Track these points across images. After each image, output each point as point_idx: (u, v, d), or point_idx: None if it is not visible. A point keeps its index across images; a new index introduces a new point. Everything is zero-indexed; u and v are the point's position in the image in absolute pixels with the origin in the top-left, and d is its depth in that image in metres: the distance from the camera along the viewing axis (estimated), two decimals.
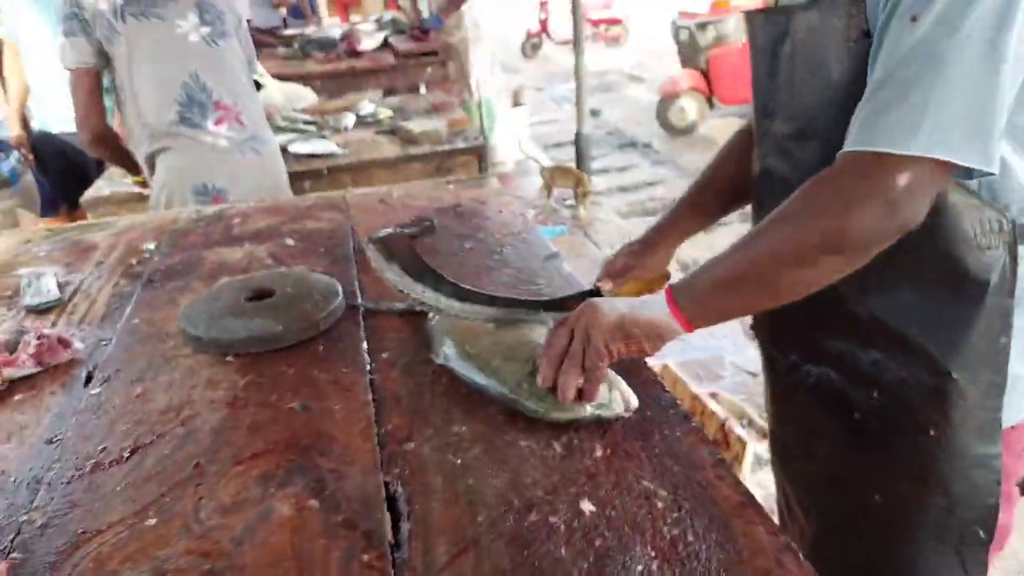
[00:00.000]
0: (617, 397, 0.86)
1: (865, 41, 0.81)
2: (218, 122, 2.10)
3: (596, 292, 1.14)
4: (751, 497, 0.74)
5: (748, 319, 1.15)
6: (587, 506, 0.74)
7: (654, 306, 0.85)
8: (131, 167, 2.24)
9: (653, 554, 0.69)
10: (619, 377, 0.89)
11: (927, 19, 0.73)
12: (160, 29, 2.02)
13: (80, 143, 2.11)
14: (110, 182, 2.59)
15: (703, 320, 0.85)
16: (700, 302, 0.84)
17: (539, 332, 1.00)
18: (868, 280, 0.89)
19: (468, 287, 1.12)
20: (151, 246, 1.57)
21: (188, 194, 2.08)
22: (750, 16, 1.02)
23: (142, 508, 0.80)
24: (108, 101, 2.11)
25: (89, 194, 2.56)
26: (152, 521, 0.78)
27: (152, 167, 2.13)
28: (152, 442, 0.91)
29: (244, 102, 2.16)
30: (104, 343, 1.18)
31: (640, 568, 0.67)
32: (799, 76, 0.92)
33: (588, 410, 0.85)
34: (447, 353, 1.00)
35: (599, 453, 0.82)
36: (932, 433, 0.91)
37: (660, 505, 0.74)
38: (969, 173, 0.77)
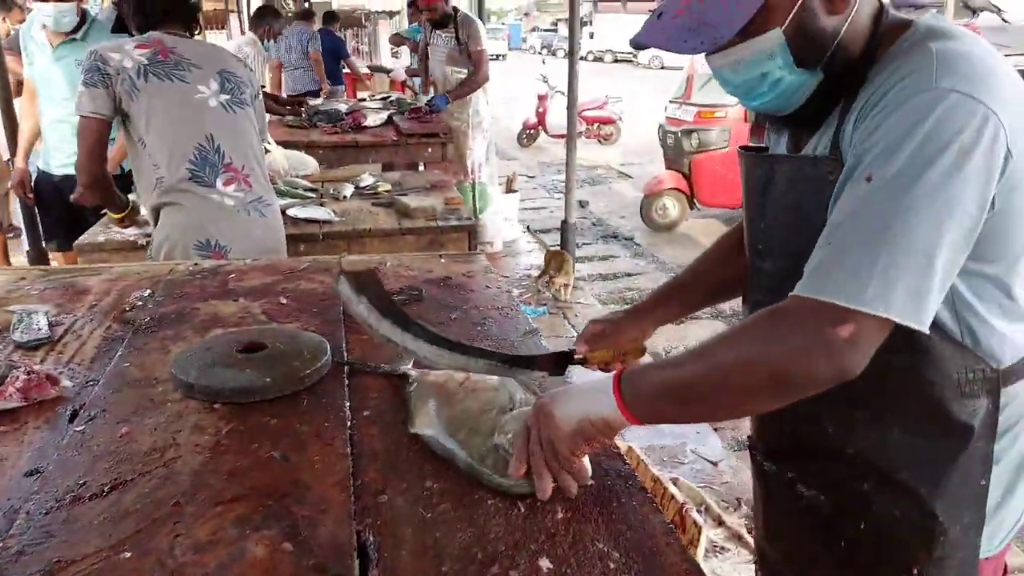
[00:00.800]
0: None
1: None
2: (227, 183, 2.19)
3: (570, 354, 1.17)
4: (696, 565, 0.79)
5: (745, 431, 1.19)
6: (545, 563, 0.79)
7: (603, 400, 0.85)
8: (114, 206, 2.31)
9: None
10: None
11: (882, 180, 0.79)
12: (182, 92, 2.14)
13: (78, 184, 2.18)
14: (106, 229, 2.65)
15: (644, 416, 0.85)
16: (642, 398, 0.85)
17: (504, 398, 1.05)
18: (856, 422, 0.95)
19: (436, 332, 1.14)
20: (145, 294, 1.62)
21: (190, 249, 2.15)
22: (740, 153, 1.08)
23: (118, 542, 0.83)
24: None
25: (83, 239, 2.61)
26: (127, 555, 0.81)
27: (157, 217, 2.20)
28: (133, 480, 0.94)
29: (253, 166, 2.26)
30: (92, 383, 1.22)
31: None
32: (786, 222, 0.97)
33: None
34: (419, 422, 1.05)
35: (560, 515, 0.87)
36: (915, 572, 0.94)
37: (612, 566, 0.79)
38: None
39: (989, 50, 0.85)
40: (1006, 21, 4.28)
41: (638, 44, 0.91)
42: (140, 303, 1.58)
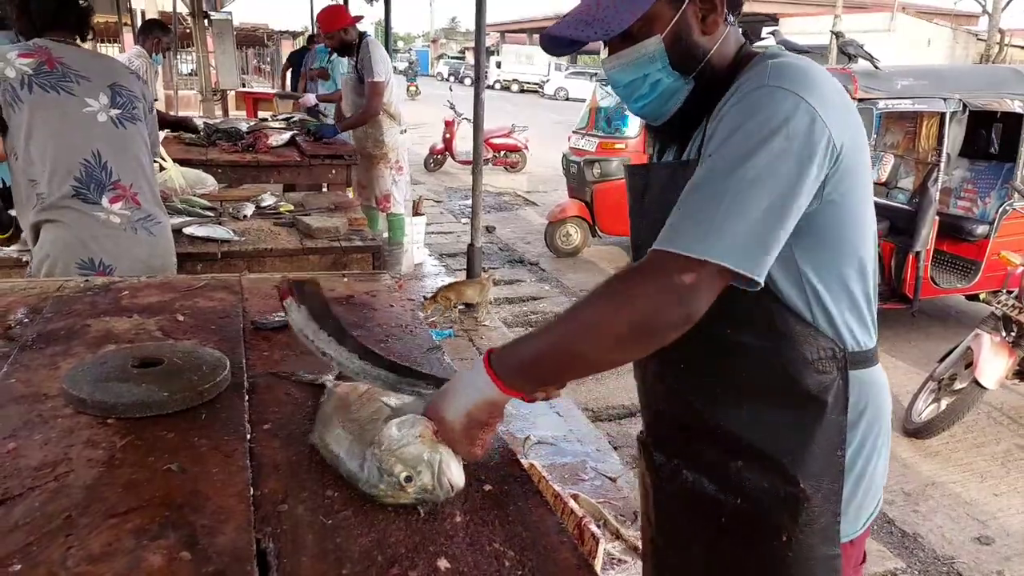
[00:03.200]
0: (445, 483, 0.91)
1: None
2: (113, 200, 2.11)
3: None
4: (586, 561, 0.86)
5: (635, 430, 1.28)
6: (443, 563, 0.83)
7: (480, 383, 0.93)
8: None
9: None
10: (451, 459, 0.94)
11: (722, 158, 0.93)
12: (68, 104, 2.06)
13: None
14: None
15: (521, 386, 0.94)
16: (514, 369, 0.93)
17: (392, 406, 1.07)
18: (718, 398, 1.09)
19: (369, 348, 1.17)
20: (31, 311, 1.56)
21: (72, 267, 2.06)
22: (626, 167, 1.26)
23: (6, 555, 0.81)
24: None
25: None
26: (17, 567, 0.79)
27: (37, 235, 2.10)
28: (22, 495, 0.92)
29: (141, 184, 2.19)
30: None
31: None
32: (658, 221, 1.09)
33: (411, 497, 0.91)
34: (318, 433, 1.06)
35: (459, 519, 0.92)
36: (784, 537, 1.06)
37: (508, 564, 0.84)
38: (751, 283, 0.91)
39: (820, 70, 0.99)
40: (877, 67, 4.78)
41: (548, 36, 1.07)
42: (26, 320, 1.52)
